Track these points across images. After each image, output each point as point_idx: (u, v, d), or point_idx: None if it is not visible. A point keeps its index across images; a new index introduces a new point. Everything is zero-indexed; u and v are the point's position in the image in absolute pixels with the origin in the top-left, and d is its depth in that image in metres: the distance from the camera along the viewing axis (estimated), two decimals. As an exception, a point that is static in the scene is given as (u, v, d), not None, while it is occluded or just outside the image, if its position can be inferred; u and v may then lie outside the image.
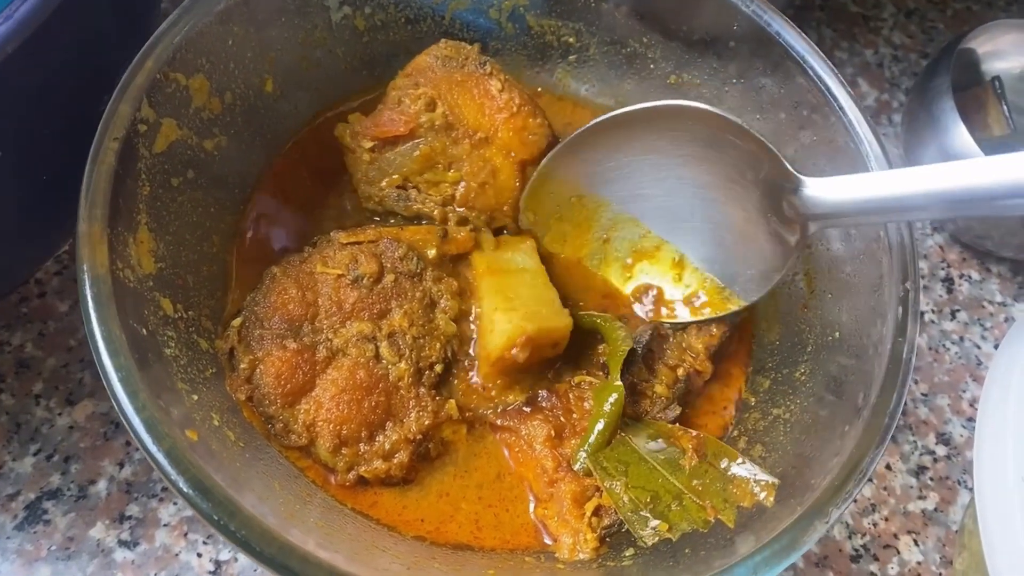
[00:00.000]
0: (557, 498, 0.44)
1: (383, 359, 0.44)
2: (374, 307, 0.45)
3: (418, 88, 0.51)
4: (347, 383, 0.43)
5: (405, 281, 0.46)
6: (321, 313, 0.45)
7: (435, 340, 0.46)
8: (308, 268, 0.46)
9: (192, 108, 0.46)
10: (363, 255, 0.46)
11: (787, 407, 0.48)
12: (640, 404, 0.47)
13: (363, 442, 0.44)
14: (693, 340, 0.50)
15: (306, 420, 0.44)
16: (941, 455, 0.61)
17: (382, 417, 0.44)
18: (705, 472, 0.44)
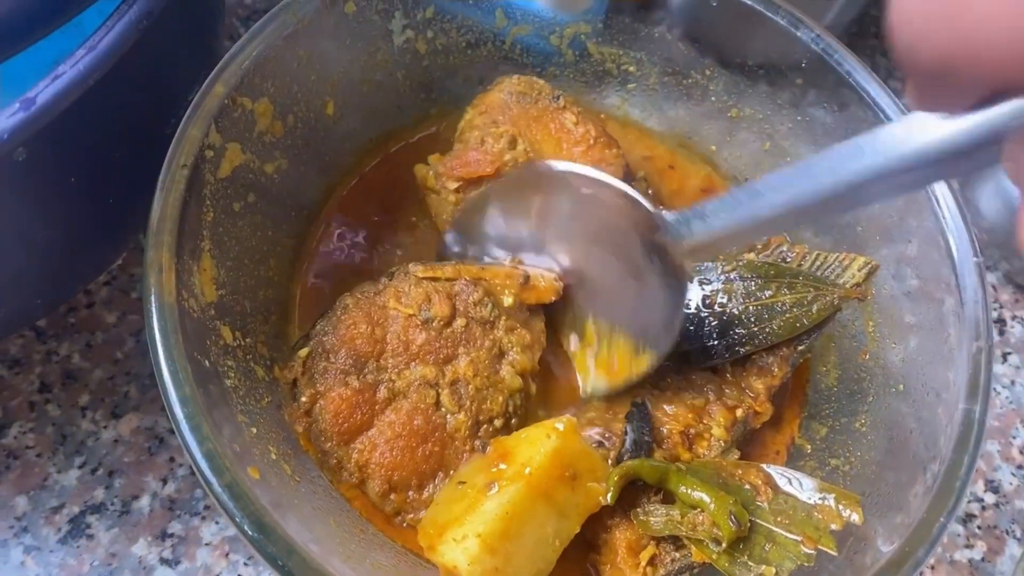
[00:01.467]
0: (611, 546, 0.43)
1: (443, 407, 0.44)
2: (441, 351, 0.44)
3: (498, 127, 0.50)
4: (404, 428, 0.43)
5: (476, 327, 0.45)
6: (387, 351, 0.45)
7: (498, 393, 0.44)
8: (381, 302, 0.45)
9: (256, 132, 0.45)
10: (437, 295, 0.45)
11: (846, 458, 0.47)
12: (696, 448, 0.47)
13: (412, 490, 0.43)
14: (753, 381, 0.49)
15: (359, 460, 0.43)
16: (989, 503, 0.60)
17: (434, 467, 0.43)
18: (785, 503, 0.43)
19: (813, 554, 0.40)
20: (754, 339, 0.49)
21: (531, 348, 0.46)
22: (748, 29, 0.55)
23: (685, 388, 0.49)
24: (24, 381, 0.54)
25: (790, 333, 0.49)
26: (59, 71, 0.31)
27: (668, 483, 0.43)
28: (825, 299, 0.49)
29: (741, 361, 0.49)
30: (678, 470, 0.43)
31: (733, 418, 0.48)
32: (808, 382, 0.53)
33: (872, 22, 0.83)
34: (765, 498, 0.43)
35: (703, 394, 0.48)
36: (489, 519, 0.38)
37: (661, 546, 0.43)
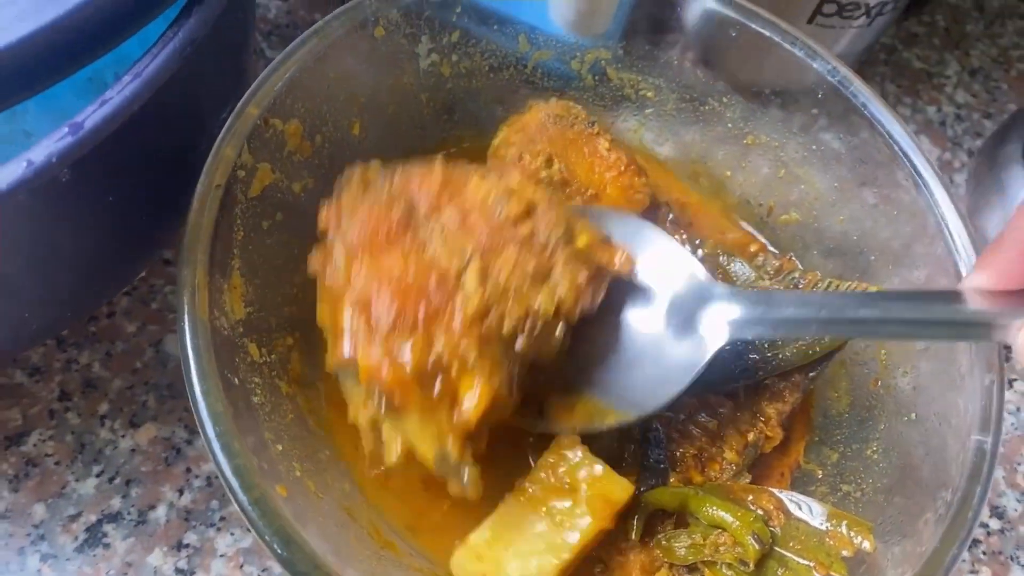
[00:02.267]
0: (625, 568, 0.44)
1: (463, 281, 0.38)
2: (494, 237, 0.39)
3: (535, 145, 0.51)
4: (413, 272, 0.37)
5: (537, 241, 0.40)
6: (444, 213, 0.40)
7: (523, 302, 0.39)
8: (466, 175, 0.42)
9: (285, 152, 0.46)
10: (519, 196, 0.41)
11: (857, 484, 0.47)
12: (708, 471, 0.47)
13: (374, 323, 0.37)
14: (765, 405, 0.50)
15: (355, 270, 0.38)
16: (995, 529, 0.60)
17: (410, 326, 0.37)
18: (797, 529, 0.43)
19: None
20: (767, 365, 0.50)
21: (580, 294, 0.40)
22: (763, 57, 0.56)
23: (699, 411, 0.49)
24: (44, 389, 0.55)
25: (802, 360, 0.50)
26: (106, 97, 0.32)
27: (688, 506, 0.44)
28: None
29: (754, 387, 0.50)
30: (695, 494, 0.44)
31: (745, 442, 0.48)
32: (814, 407, 0.54)
33: (881, 49, 0.85)
34: (777, 523, 0.43)
35: (717, 417, 0.49)
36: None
37: (674, 569, 0.44)
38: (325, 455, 0.46)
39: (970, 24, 0.89)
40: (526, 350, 0.39)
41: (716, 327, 0.43)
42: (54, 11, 0.30)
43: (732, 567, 0.42)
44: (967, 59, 0.86)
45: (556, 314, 0.40)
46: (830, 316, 0.40)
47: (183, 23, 0.35)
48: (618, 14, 0.59)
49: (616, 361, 0.45)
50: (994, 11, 0.90)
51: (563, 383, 0.45)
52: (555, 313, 0.40)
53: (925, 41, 0.87)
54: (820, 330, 0.41)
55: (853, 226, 0.55)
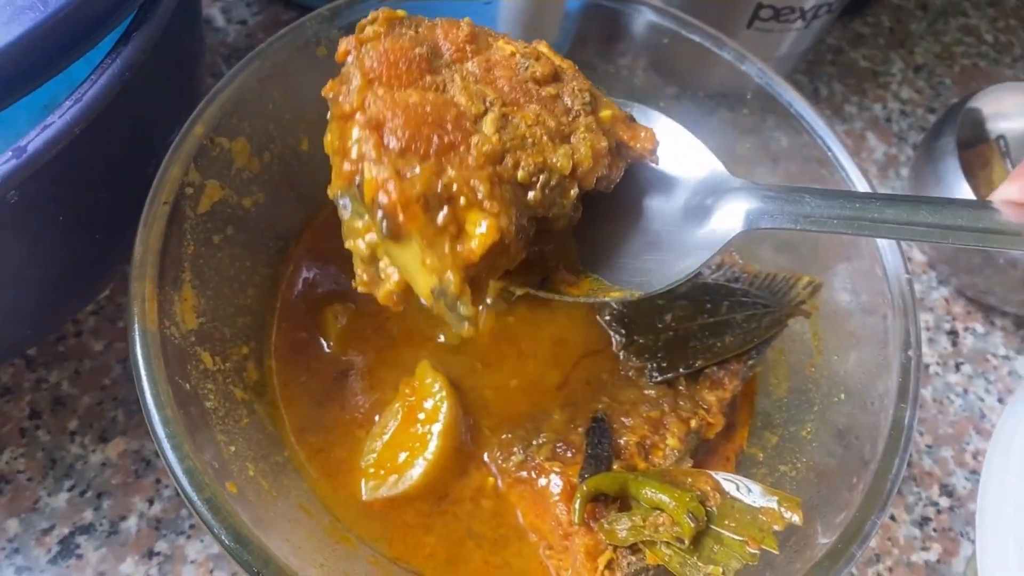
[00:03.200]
0: (571, 551, 0.46)
1: (482, 124, 0.37)
2: (515, 91, 0.38)
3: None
4: (433, 106, 0.36)
5: (562, 104, 0.40)
6: (468, 64, 0.39)
7: (540, 153, 0.38)
8: (493, 33, 0.41)
9: (233, 169, 0.48)
10: (548, 61, 0.40)
11: (793, 464, 0.49)
12: (652, 458, 0.49)
13: (394, 150, 0.35)
14: (706, 393, 0.52)
15: (371, 96, 0.36)
16: (944, 507, 0.62)
17: (425, 151, 0.35)
18: (732, 507, 0.45)
19: (757, 553, 0.43)
20: (707, 353, 0.52)
21: (598, 159, 0.39)
22: (704, 63, 0.59)
23: (642, 401, 0.52)
24: (15, 408, 0.56)
25: (740, 347, 0.52)
26: (48, 121, 0.34)
27: (629, 490, 0.46)
28: (773, 315, 0.52)
29: (695, 375, 0.53)
30: (635, 478, 0.46)
31: (687, 429, 0.50)
32: (757, 394, 0.56)
33: (828, 50, 0.88)
34: (714, 502, 0.45)
35: (659, 407, 0.51)
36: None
37: (618, 551, 0.46)
38: (282, 457, 0.48)
39: (914, 23, 0.92)
40: (538, 203, 0.38)
41: (733, 215, 0.42)
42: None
43: (670, 545, 0.44)
44: (911, 57, 0.89)
45: (572, 175, 0.39)
46: (854, 214, 0.39)
47: (121, 49, 0.37)
48: (565, 25, 0.62)
49: (629, 244, 0.44)
50: (937, 9, 0.94)
51: (570, 262, 0.44)
52: (571, 174, 0.39)
53: (871, 41, 0.90)
54: (842, 227, 0.39)
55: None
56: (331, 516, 0.47)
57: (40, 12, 0.34)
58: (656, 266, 0.43)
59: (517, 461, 0.50)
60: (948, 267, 0.71)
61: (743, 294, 0.53)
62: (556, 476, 0.48)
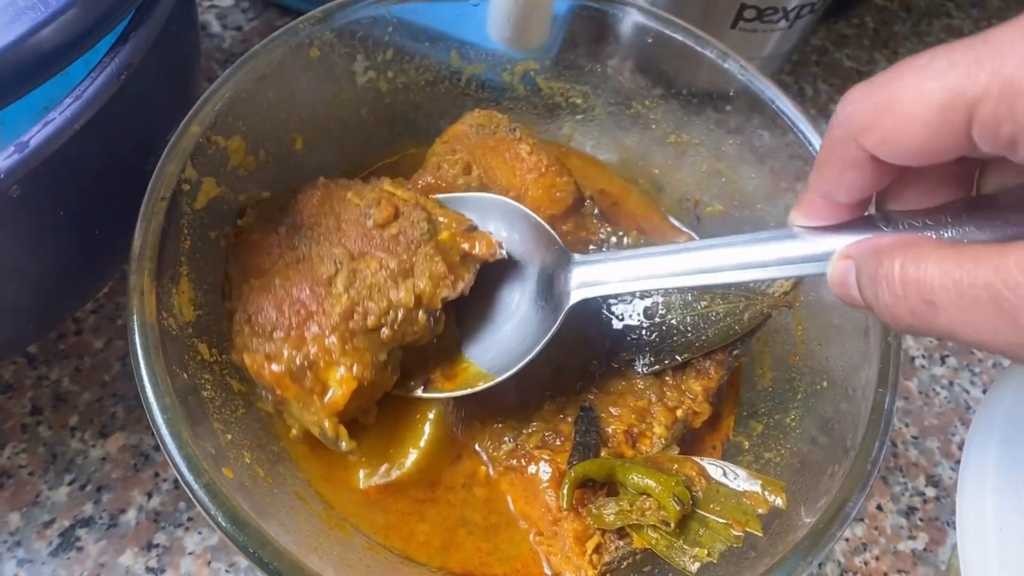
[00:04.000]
0: (560, 536, 0.47)
1: (334, 286, 0.45)
2: (363, 244, 0.47)
3: (455, 154, 0.55)
4: (291, 281, 0.46)
5: (403, 241, 0.47)
6: (322, 226, 0.48)
7: (384, 298, 0.46)
8: (342, 190, 0.50)
9: (229, 167, 0.50)
10: (388, 203, 0.48)
11: (778, 451, 0.51)
12: (639, 446, 0.50)
13: (260, 329, 0.45)
14: (692, 382, 0.53)
15: (241, 283, 0.47)
16: (931, 496, 0.63)
17: (288, 322, 0.45)
18: (717, 492, 0.46)
19: (741, 536, 0.44)
20: (692, 346, 0.53)
21: (440, 282, 0.47)
22: (689, 62, 0.60)
23: (630, 391, 0.53)
24: (17, 405, 0.58)
25: (724, 340, 0.53)
26: (49, 117, 0.35)
27: (616, 476, 0.47)
28: (756, 308, 0.54)
29: (681, 366, 0.54)
30: (622, 464, 0.47)
31: (674, 417, 0.52)
32: (742, 384, 0.57)
33: (813, 51, 0.89)
34: (699, 487, 0.47)
35: (646, 396, 0.52)
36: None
37: (606, 535, 0.47)
38: (278, 447, 0.49)
39: (898, 24, 0.94)
40: (391, 339, 0.46)
41: (567, 291, 0.47)
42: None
43: (656, 529, 0.45)
44: (895, 57, 0.91)
45: (417, 304, 0.47)
46: (669, 271, 0.43)
47: (119, 49, 0.38)
48: (553, 29, 0.63)
49: (492, 329, 0.51)
50: (921, 11, 0.95)
51: (448, 356, 0.51)
52: (416, 304, 0.47)
53: (855, 42, 0.91)
54: (664, 283, 0.43)
55: (786, 217, 0.58)
56: (326, 504, 0.48)
57: (41, 13, 0.35)
58: (512, 347, 0.49)
59: (507, 449, 0.51)
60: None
61: (725, 287, 0.54)
62: (545, 463, 0.49)
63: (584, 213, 0.58)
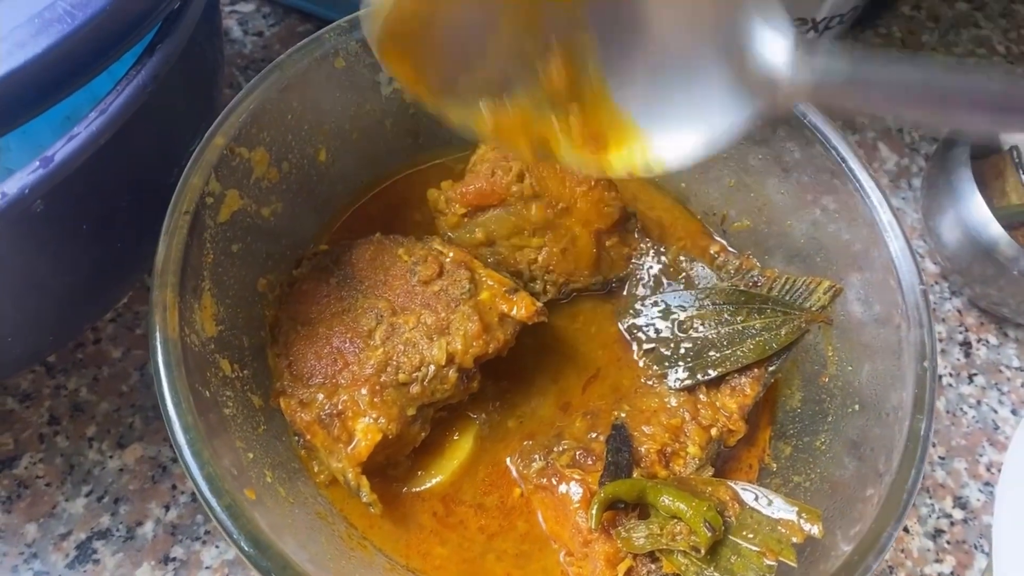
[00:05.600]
0: (591, 558, 0.46)
1: (372, 339, 0.47)
2: (405, 300, 0.49)
3: (508, 162, 0.54)
4: (337, 330, 0.48)
5: (444, 299, 0.49)
6: (371, 281, 0.50)
7: (417, 354, 0.47)
8: (395, 247, 0.52)
9: (253, 179, 0.49)
10: (434, 260, 0.50)
11: (807, 475, 0.49)
12: (672, 466, 0.49)
13: (301, 381, 0.47)
14: (727, 400, 0.52)
15: (287, 331, 0.49)
16: (958, 519, 0.62)
17: (323, 374, 0.47)
18: (751, 518, 0.45)
19: (774, 565, 0.43)
20: (727, 361, 0.52)
21: (475, 341, 0.48)
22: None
23: (663, 409, 0.52)
24: (34, 414, 0.57)
25: (760, 355, 0.52)
26: (74, 132, 0.34)
27: (647, 497, 0.46)
28: (793, 323, 0.52)
29: (715, 383, 0.52)
30: (653, 485, 0.46)
31: (708, 437, 0.51)
32: (776, 402, 0.56)
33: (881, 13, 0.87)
34: (733, 513, 0.45)
35: (680, 415, 0.51)
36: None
37: (638, 559, 0.46)
38: (298, 464, 0.48)
39: (926, 34, 0.92)
40: (420, 395, 0.47)
41: (787, 75, 0.32)
42: (23, 56, 0.33)
43: (687, 555, 0.44)
44: (923, 67, 0.89)
45: (449, 362, 0.48)
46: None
47: (146, 61, 0.38)
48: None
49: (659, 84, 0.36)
50: (949, 21, 0.94)
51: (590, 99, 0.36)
52: (448, 361, 0.48)
53: (882, 52, 0.90)
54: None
55: (816, 231, 0.57)
56: (347, 523, 0.47)
57: (68, 25, 0.34)
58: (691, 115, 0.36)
59: (538, 468, 0.50)
60: (961, 277, 0.71)
61: (762, 300, 0.53)
62: (576, 483, 0.48)
63: (628, 229, 0.58)
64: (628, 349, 0.56)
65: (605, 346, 0.56)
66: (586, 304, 0.58)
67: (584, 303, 0.58)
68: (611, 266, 0.57)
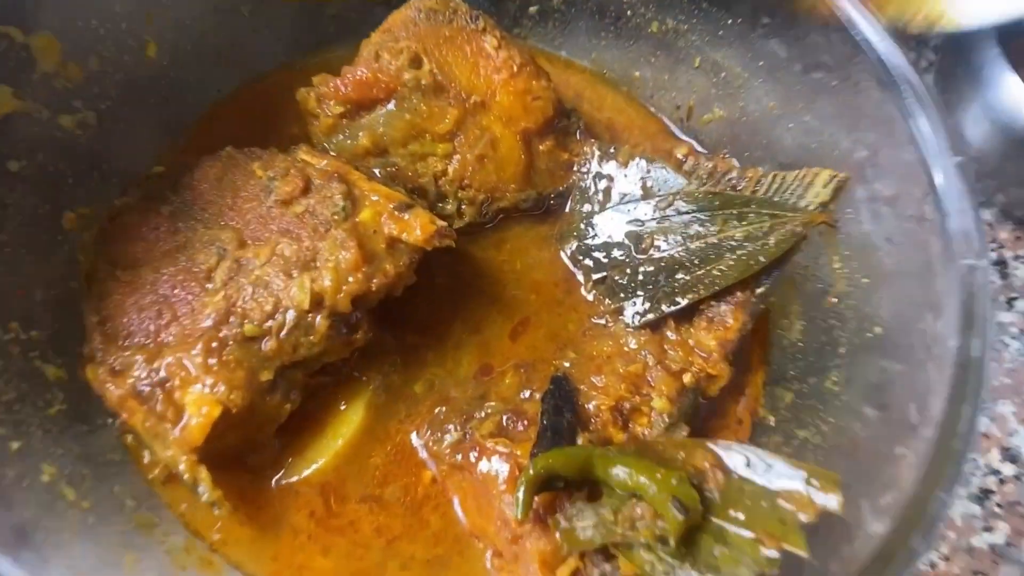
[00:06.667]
0: (522, 559, 0.34)
1: (212, 280, 0.37)
2: (257, 226, 0.38)
3: (398, 43, 0.43)
4: (158, 288, 0.37)
5: (309, 222, 0.38)
6: (215, 205, 0.39)
7: (271, 297, 0.36)
8: (247, 162, 0.41)
9: (37, 74, 0.37)
10: (298, 173, 0.39)
11: (817, 428, 0.38)
12: (633, 427, 0.38)
13: (112, 344, 0.36)
14: (703, 336, 0.40)
15: (105, 284, 0.37)
16: (1008, 475, 0.51)
17: (147, 334, 0.36)
18: (740, 492, 0.33)
19: (777, 558, 0.30)
20: (699, 284, 0.40)
21: (351, 275, 0.36)
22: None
23: (618, 354, 0.40)
24: None
25: (743, 273, 0.40)
26: None
27: (594, 471, 0.34)
28: (785, 227, 0.40)
29: (686, 314, 0.41)
30: (603, 453, 0.34)
31: (679, 385, 0.39)
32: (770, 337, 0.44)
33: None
34: (715, 485, 0.33)
35: (640, 359, 0.40)
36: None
37: (586, 558, 0.34)
38: (118, 456, 0.36)
39: None
40: (278, 352, 0.36)
41: None
42: None
43: (652, 548, 0.31)
44: None
45: (316, 306, 0.36)
46: None
47: None
48: None
49: None
50: None
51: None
52: (315, 305, 0.36)
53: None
54: None
55: (808, 139, 0.47)
56: (188, 533, 0.36)
57: None
58: None
59: (453, 441, 0.38)
60: (993, 181, 0.59)
61: (743, 203, 0.41)
62: (500, 458, 0.36)
63: (567, 130, 0.46)
64: (572, 281, 0.44)
65: (542, 280, 0.45)
66: (516, 228, 0.46)
67: (513, 227, 0.46)
68: (546, 177, 0.46)
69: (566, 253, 0.45)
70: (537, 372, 0.40)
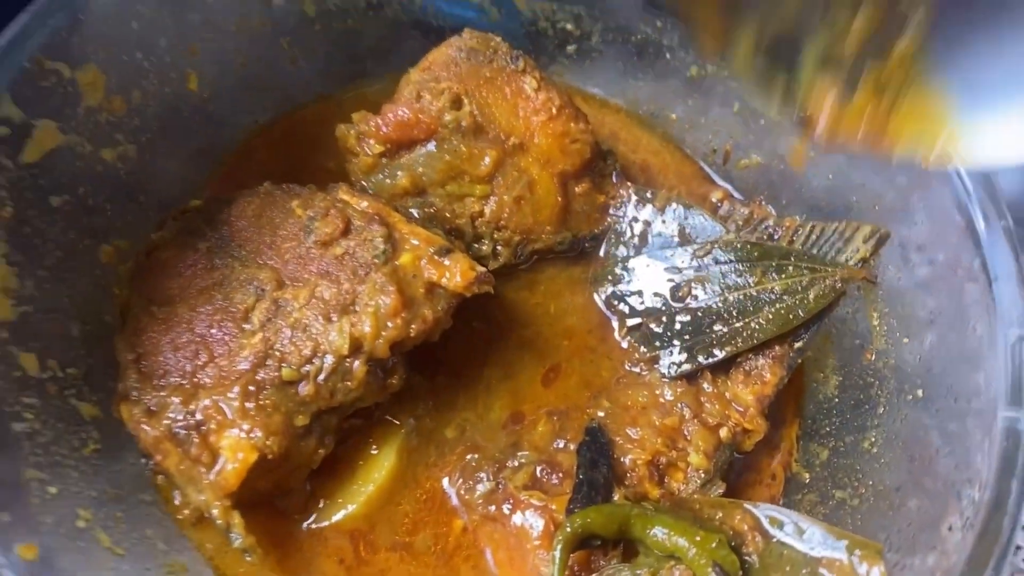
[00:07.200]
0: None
1: (249, 322, 0.35)
2: (296, 267, 0.37)
3: (439, 83, 0.42)
4: (197, 308, 0.36)
5: (350, 264, 0.37)
6: (254, 242, 0.38)
7: (309, 341, 0.35)
8: (287, 200, 0.39)
9: (82, 109, 0.36)
10: (338, 213, 0.38)
11: (855, 488, 0.37)
12: (668, 482, 0.37)
13: (150, 383, 0.35)
14: (740, 389, 0.39)
15: (139, 319, 0.36)
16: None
17: (184, 376, 0.35)
18: (780, 557, 0.33)
19: None
20: (737, 337, 0.40)
21: (390, 320, 0.35)
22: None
23: (654, 405, 0.40)
24: None
25: (782, 328, 0.39)
26: None
27: (632, 531, 0.33)
28: (824, 282, 0.40)
29: (723, 366, 0.40)
30: (642, 512, 0.33)
31: (716, 440, 0.38)
32: (805, 391, 0.43)
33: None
34: (754, 548, 0.33)
35: (677, 412, 0.39)
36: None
37: (620, 620, 0.33)
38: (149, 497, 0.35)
39: None
40: (314, 396, 0.35)
41: None
42: None
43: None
44: None
45: (354, 351, 0.35)
46: None
47: None
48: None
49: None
50: None
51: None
52: (353, 350, 0.35)
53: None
54: None
55: (848, 190, 0.45)
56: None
57: None
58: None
59: (485, 492, 0.38)
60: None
61: (782, 255, 0.40)
62: (535, 512, 0.35)
63: (603, 172, 0.45)
64: (606, 327, 0.43)
65: (575, 325, 0.44)
66: (550, 269, 0.46)
67: (547, 268, 0.46)
68: (582, 220, 0.45)
69: (600, 297, 0.44)
70: (571, 420, 0.40)
